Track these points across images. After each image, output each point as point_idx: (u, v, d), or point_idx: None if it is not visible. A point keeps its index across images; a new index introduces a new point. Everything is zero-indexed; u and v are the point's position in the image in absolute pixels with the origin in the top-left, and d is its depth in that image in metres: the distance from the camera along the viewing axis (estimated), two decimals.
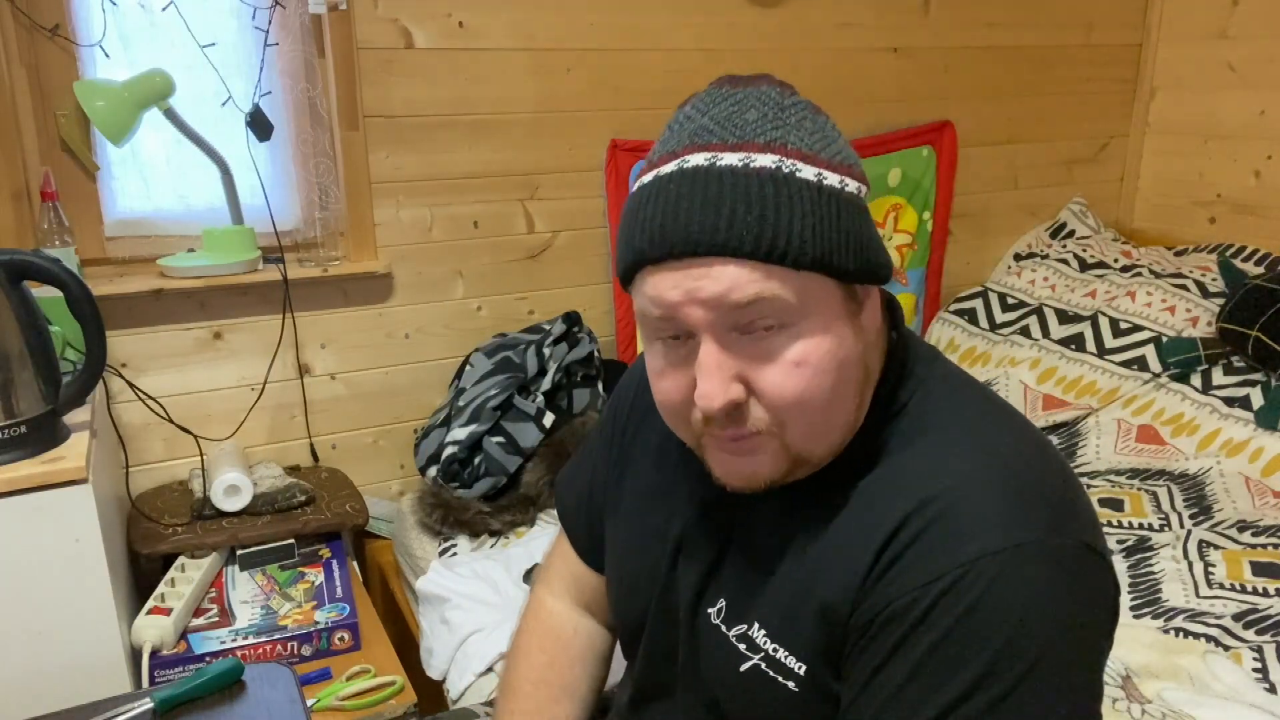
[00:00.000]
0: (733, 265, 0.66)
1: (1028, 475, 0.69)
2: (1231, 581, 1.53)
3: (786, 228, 0.66)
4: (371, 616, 1.66)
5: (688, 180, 0.68)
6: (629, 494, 0.92)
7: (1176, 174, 2.66)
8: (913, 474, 0.71)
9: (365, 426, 2.04)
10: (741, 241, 0.66)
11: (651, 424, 0.92)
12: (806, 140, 0.69)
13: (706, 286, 0.67)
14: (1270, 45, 2.40)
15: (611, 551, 0.95)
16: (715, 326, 0.68)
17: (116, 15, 1.73)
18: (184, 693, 0.98)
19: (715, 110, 0.71)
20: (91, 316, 1.28)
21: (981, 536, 0.65)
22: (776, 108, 0.70)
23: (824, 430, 0.72)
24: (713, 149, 0.69)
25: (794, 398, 0.69)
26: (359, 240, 1.96)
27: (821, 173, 0.68)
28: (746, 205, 0.66)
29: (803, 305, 0.68)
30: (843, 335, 0.70)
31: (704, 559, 0.81)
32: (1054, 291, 2.45)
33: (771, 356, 0.68)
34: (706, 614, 0.80)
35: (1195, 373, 2.08)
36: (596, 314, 2.19)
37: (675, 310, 0.69)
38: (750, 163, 0.67)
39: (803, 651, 0.73)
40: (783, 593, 0.75)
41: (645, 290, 0.71)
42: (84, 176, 1.78)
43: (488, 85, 1.99)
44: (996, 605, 0.63)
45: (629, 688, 0.95)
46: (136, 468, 1.83)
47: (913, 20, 2.37)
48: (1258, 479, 1.84)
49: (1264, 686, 1.29)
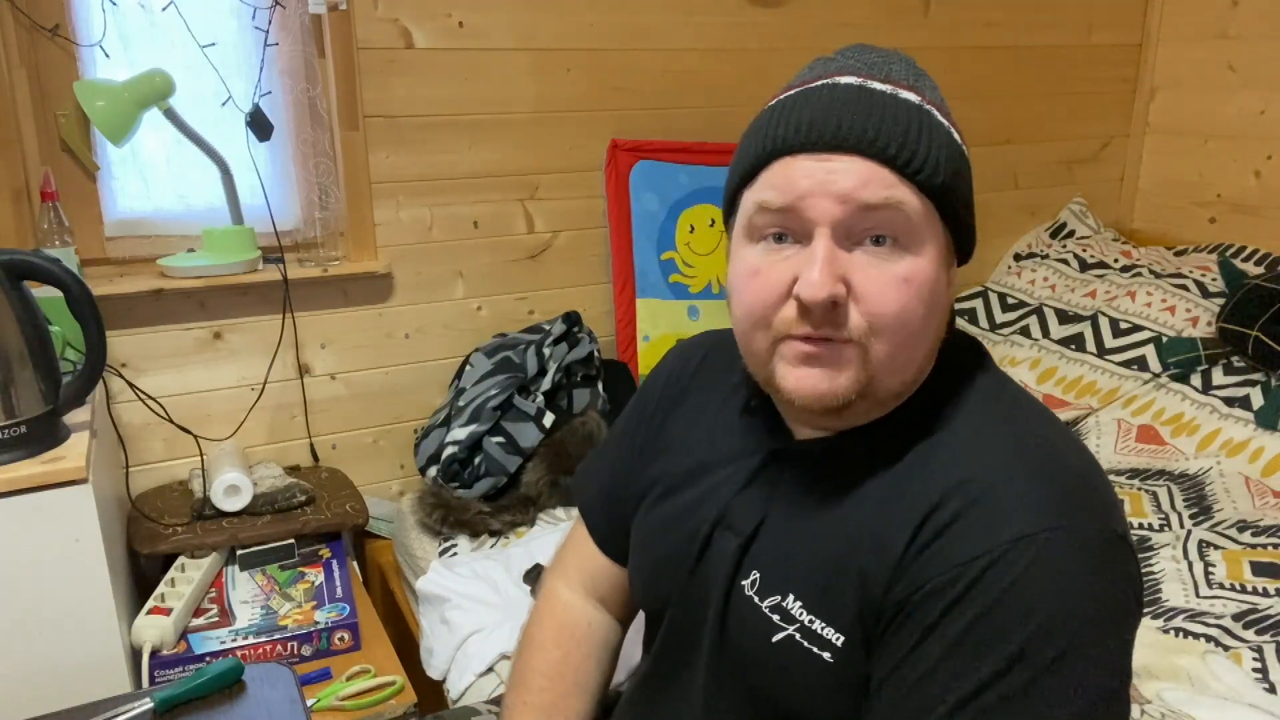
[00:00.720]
0: (870, 164, 0.69)
1: (1063, 463, 0.71)
2: (1231, 581, 1.53)
3: (925, 148, 0.70)
4: (371, 616, 1.66)
5: (840, 90, 0.72)
6: (659, 479, 0.93)
7: (1176, 174, 2.67)
8: (953, 455, 0.72)
9: (365, 426, 2.04)
10: (887, 144, 0.69)
11: (678, 414, 0.94)
12: (938, 103, 0.75)
13: (841, 180, 0.69)
14: (1270, 45, 2.40)
15: (639, 536, 0.95)
16: (836, 224, 0.70)
17: (116, 15, 1.73)
18: (184, 693, 0.98)
19: (861, 57, 0.76)
20: (91, 316, 1.28)
21: (1020, 519, 0.66)
22: (915, 71, 0.76)
23: (904, 360, 0.73)
24: (862, 76, 0.73)
25: (895, 309, 0.70)
26: (359, 240, 1.96)
27: (951, 128, 0.74)
28: (894, 119, 0.70)
29: (921, 227, 0.71)
30: (941, 276, 0.73)
31: (742, 532, 0.82)
32: (1054, 291, 2.45)
33: (880, 266, 0.70)
34: (740, 586, 0.81)
35: (1195, 373, 2.08)
36: (596, 314, 2.19)
37: (801, 200, 0.70)
38: (897, 94, 0.72)
39: (840, 622, 0.73)
40: (821, 564, 0.75)
41: (773, 179, 0.72)
42: (84, 176, 1.78)
43: (488, 85, 1.99)
44: (1033, 588, 0.64)
45: (641, 670, 0.95)
46: (136, 468, 1.83)
47: (913, 20, 2.37)
48: (1258, 479, 1.84)
49: (1264, 686, 1.29)
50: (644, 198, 2.16)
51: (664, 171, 2.17)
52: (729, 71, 2.21)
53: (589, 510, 1.05)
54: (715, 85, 2.20)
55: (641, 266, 2.17)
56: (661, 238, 2.18)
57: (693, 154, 2.19)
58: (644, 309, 2.18)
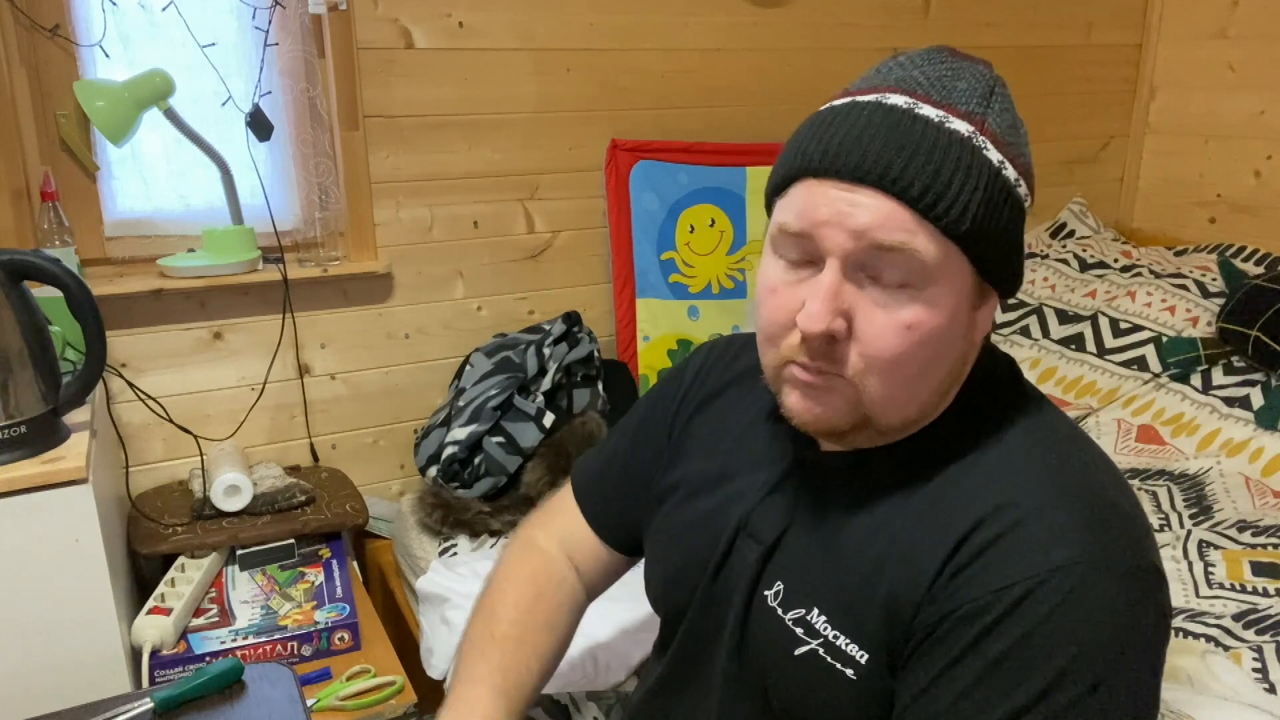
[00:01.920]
0: (892, 203, 0.67)
1: (1102, 493, 0.70)
2: (1231, 581, 1.53)
3: (956, 192, 0.67)
4: (371, 616, 1.66)
5: (881, 113, 0.69)
6: (682, 483, 0.92)
7: (1176, 174, 2.66)
8: (988, 478, 0.71)
9: (365, 426, 2.04)
10: (911, 185, 0.67)
11: (704, 416, 0.94)
12: (1002, 128, 0.70)
13: (859, 215, 0.67)
14: (1270, 45, 2.40)
15: (659, 538, 0.94)
16: (848, 258, 0.69)
17: (116, 15, 1.73)
18: (184, 693, 0.98)
19: (929, 68, 0.72)
20: (91, 316, 1.28)
21: (1058, 549, 0.66)
22: (987, 88, 0.71)
23: (903, 399, 0.72)
24: (916, 97, 0.70)
25: (892, 356, 0.69)
26: (359, 240, 1.96)
27: (1004, 162, 0.70)
28: (928, 156, 0.67)
29: (935, 273, 0.68)
30: (957, 319, 0.71)
31: (765, 540, 0.81)
32: (1054, 291, 2.45)
33: (886, 307, 0.69)
34: (763, 595, 0.80)
35: (1195, 373, 2.08)
36: (596, 314, 2.19)
37: (817, 229, 0.69)
38: (946, 122, 0.69)
39: (866, 640, 0.73)
40: (847, 579, 0.75)
41: (795, 202, 0.71)
42: (84, 176, 1.78)
43: (488, 85, 1.99)
44: (1069, 619, 0.64)
45: (654, 675, 0.94)
46: (136, 468, 1.83)
47: (913, 20, 2.37)
48: (1258, 479, 1.84)
49: (1264, 686, 1.29)
50: (644, 198, 2.16)
51: (664, 171, 2.17)
52: (729, 71, 2.21)
53: (583, 491, 1.04)
54: (715, 85, 2.20)
55: (641, 266, 2.17)
56: (661, 238, 2.18)
57: (693, 154, 2.19)
58: (644, 309, 2.18)
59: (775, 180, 0.75)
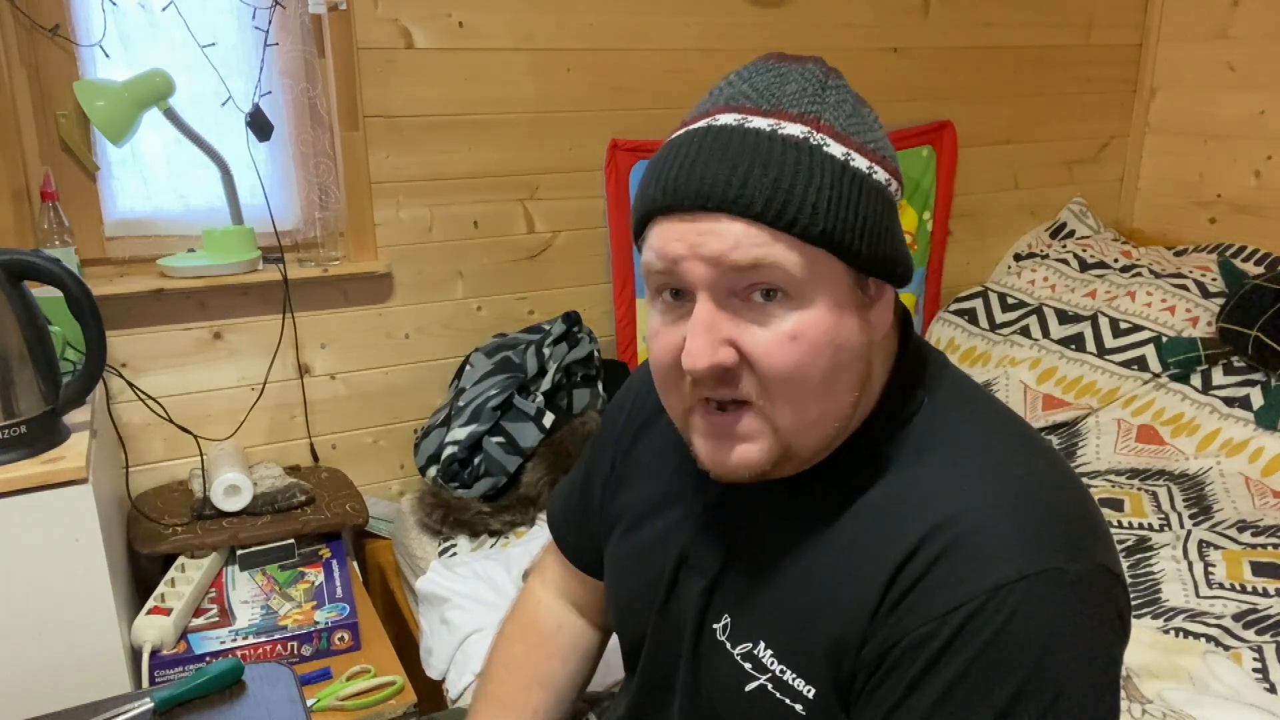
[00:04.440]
0: (740, 224, 0.65)
1: (1043, 496, 0.69)
2: (1231, 581, 1.53)
3: (801, 196, 0.65)
4: (371, 616, 1.66)
5: (711, 137, 0.68)
6: (627, 509, 0.91)
7: (1176, 174, 2.66)
8: (923, 495, 0.69)
9: (365, 426, 2.04)
10: (752, 201, 0.65)
11: (648, 439, 0.92)
12: (842, 121, 0.68)
13: (710, 243, 0.66)
14: (1270, 45, 2.40)
15: (611, 568, 0.93)
16: (714, 286, 0.67)
17: (116, 15, 1.73)
18: (184, 693, 0.98)
19: (757, 79, 0.71)
20: (91, 316, 1.28)
21: (1000, 565, 0.64)
22: (818, 85, 0.70)
23: (815, 417, 0.70)
24: (745, 111, 0.69)
25: (785, 370, 0.67)
26: (359, 240, 1.96)
27: (850, 153, 0.67)
28: (764, 167, 0.65)
29: (806, 280, 0.66)
30: (844, 321, 0.68)
31: (707, 572, 0.79)
32: (1054, 291, 2.45)
33: (766, 324, 0.67)
34: (711, 629, 0.79)
35: (1195, 373, 2.08)
36: (596, 314, 2.19)
37: (676, 264, 0.68)
38: (778, 129, 0.67)
39: (811, 675, 0.72)
40: (790, 613, 0.73)
41: (652, 241, 0.70)
42: (84, 176, 1.78)
43: (488, 85, 1.99)
44: (1020, 635, 0.63)
45: (625, 701, 0.94)
46: (136, 468, 1.83)
47: (913, 20, 2.37)
48: (1258, 479, 1.84)
49: (1264, 686, 1.29)
50: None
51: None
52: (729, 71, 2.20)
53: (557, 525, 1.05)
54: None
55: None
56: None
57: None
58: (644, 309, 2.18)
59: (635, 226, 0.73)
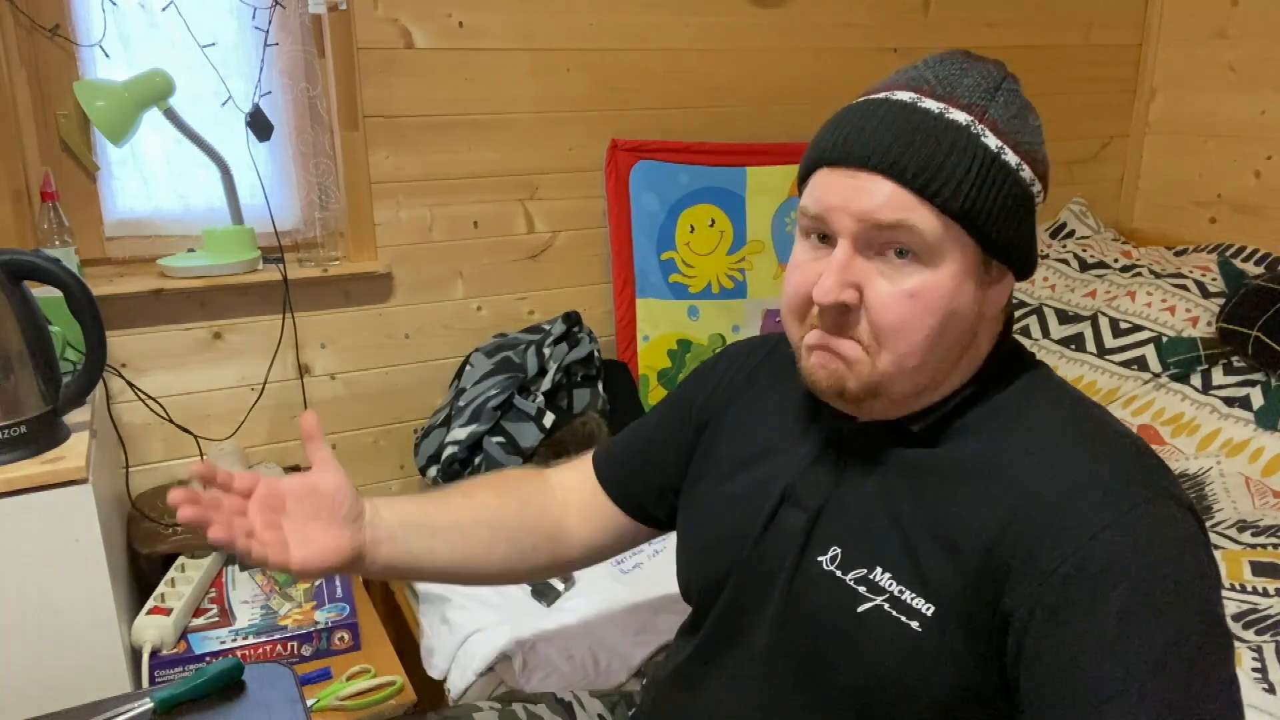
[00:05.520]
0: (891, 185, 0.74)
1: (1139, 447, 0.77)
2: (1231, 581, 1.53)
3: (949, 172, 0.74)
4: (371, 616, 1.66)
5: (884, 108, 0.77)
6: (723, 460, 0.97)
7: (1176, 174, 2.66)
8: (1029, 443, 0.77)
9: (365, 426, 2.04)
10: (905, 167, 0.74)
11: (745, 401, 0.98)
12: (1005, 119, 0.77)
13: (862, 198, 0.75)
14: (1270, 45, 2.40)
15: (699, 512, 0.97)
16: (856, 236, 0.76)
17: (116, 15, 1.73)
18: (184, 693, 0.98)
19: (940, 68, 0.79)
20: (91, 316, 1.28)
21: (1126, 493, 0.70)
22: (993, 83, 0.78)
23: (911, 366, 0.77)
24: (920, 92, 0.78)
25: (895, 322, 0.76)
26: (359, 240, 1.96)
27: (1004, 148, 0.76)
28: (924, 141, 0.74)
29: (938, 246, 0.75)
30: (963, 289, 0.76)
31: (809, 508, 0.85)
32: (1054, 291, 2.45)
33: (891, 278, 0.76)
34: (817, 561, 0.83)
35: (1195, 373, 2.08)
36: (596, 314, 2.19)
37: (829, 212, 0.77)
38: (946, 113, 0.76)
39: (933, 593, 0.76)
40: (907, 539, 0.78)
41: (813, 189, 0.79)
42: (84, 176, 1.78)
43: (488, 85, 1.99)
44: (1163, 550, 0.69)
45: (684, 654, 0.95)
46: (136, 468, 1.83)
47: (913, 20, 2.37)
48: (1258, 479, 1.84)
49: (1264, 687, 1.29)
50: (644, 198, 2.16)
51: (664, 171, 2.17)
52: (729, 71, 2.20)
53: (601, 458, 1.10)
54: (715, 85, 2.20)
55: (641, 266, 2.17)
56: (661, 238, 2.18)
57: (693, 154, 2.19)
58: (644, 309, 2.18)
59: (801, 172, 0.83)
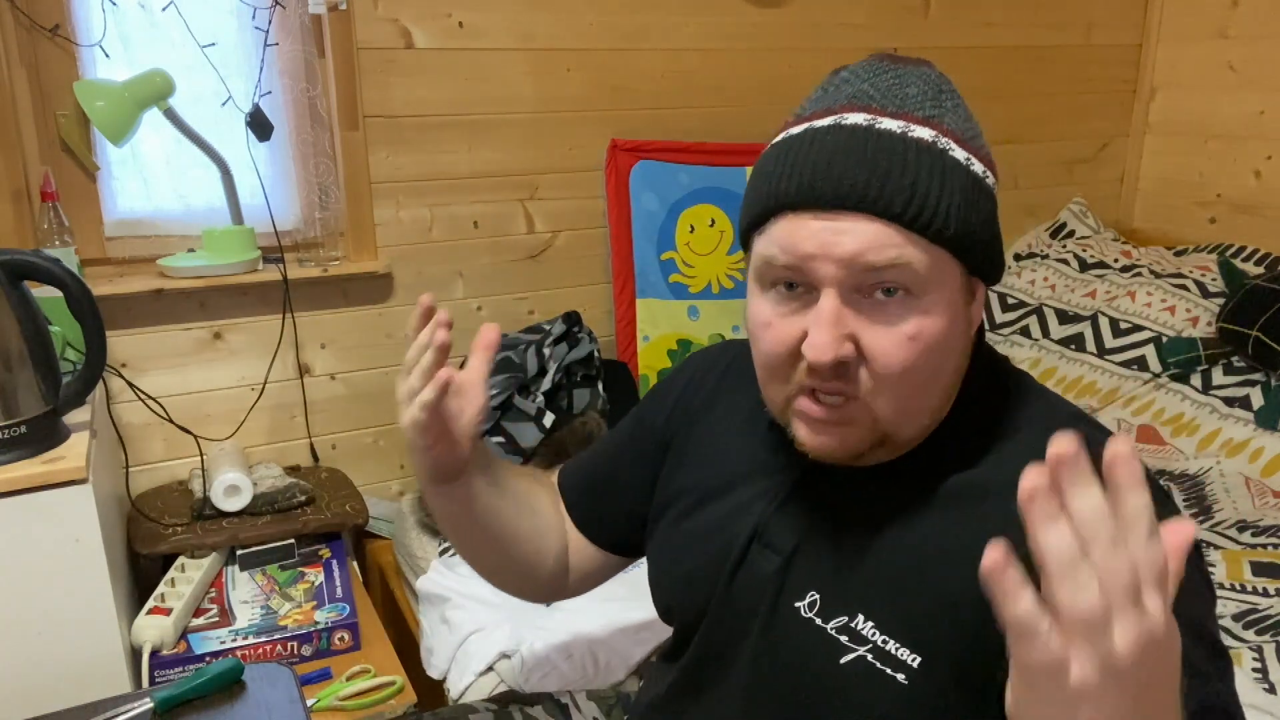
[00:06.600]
0: (876, 224, 0.67)
1: None
2: (1231, 581, 1.53)
3: (936, 199, 0.67)
4: (371, 616, 1.66)
5: (845, 135, 0.69)
6: (686, 491, 0.91)
7: (1176, 174, 2.66)
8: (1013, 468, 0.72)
9: (365, 426, 2.04)
10: (891, 202, 0.67)
11: (706, 423, 0.92)
12: (959, 125, 0.71)
13: (845, 242, 0.67)
14: (1270, 45, 2.40)
15: (667, 546, 0.93)
16: (842, 283, 0.68)
17: (116, 15, 1.73)
18: (184, 693, 0.98)
19: (876, 79, 0.72)
20: (91, 316, 1.28)
21: None
22: (935, 89, 0.72)
23: (916, 409, 0.73)
24: (872, 112, 0.70)
25: (902, 368, 0.69)
26: (359, 240, 1.96)
27: (970, 158, 0.71)
28: (902, 169, 0.67)
29: (930, 279, 0.69)
30: (955, 319, 0.71)
31: (782, 550, 0.80)
32: (1054, 291, 2.45)
33: (889, 322, 0.69)
34: (794, 608, 0.79)
35: (1195, 373, 2.08)
36: (596, 314, 2.19)
37: (805, 261, 0.69)
38: (909, 132, 0.69)
39: (919, 644, 0.72)
40: (890, 584, 0.74)
41: (776, 236, 0.70)
42: (84, 176, 1.78)
43: (488, 85, 1.99)
44: None
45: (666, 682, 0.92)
46: (136, 468, 1.83)
47: (913, 20, 2.37)
48: (1258, 479, 1.84)
49: (1264, 687, 1.29)
50: (644, 198, 2.16)
51: (664, 171, 2.17)
52: (729, 71, 2.20)
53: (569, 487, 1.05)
54: (715, 85, 2.20)
55: (641, 266, 2.17)
56: (661, 238, 2.18)
57: (693, 154, 2.19)
58: (644, 309, 2.18)
59: (751, 215, 0.74)
